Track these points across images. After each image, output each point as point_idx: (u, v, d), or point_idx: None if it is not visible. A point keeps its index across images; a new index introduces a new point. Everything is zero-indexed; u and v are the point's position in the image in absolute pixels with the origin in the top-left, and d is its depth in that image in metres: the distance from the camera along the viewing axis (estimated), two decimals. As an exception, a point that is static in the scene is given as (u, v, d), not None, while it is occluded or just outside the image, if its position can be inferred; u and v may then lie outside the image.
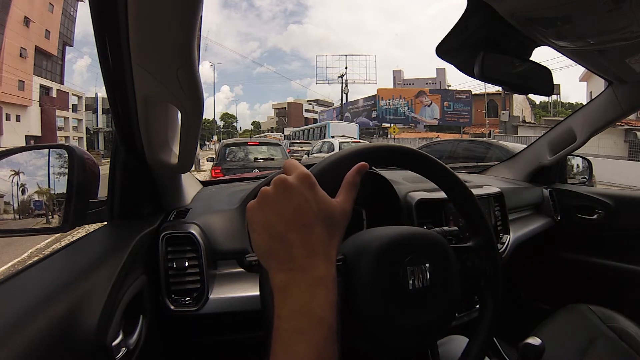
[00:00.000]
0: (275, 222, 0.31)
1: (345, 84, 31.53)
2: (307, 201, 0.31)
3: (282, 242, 0.30)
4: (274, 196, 0.31)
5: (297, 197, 0.31)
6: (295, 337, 0.28)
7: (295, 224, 0.31)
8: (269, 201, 0.32)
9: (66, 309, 0.39)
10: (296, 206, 0.31)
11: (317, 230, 0.31)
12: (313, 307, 0.29)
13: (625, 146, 12.93)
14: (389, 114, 26.72)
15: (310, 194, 0.32)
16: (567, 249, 1.37)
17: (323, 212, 0.32)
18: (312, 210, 0.31)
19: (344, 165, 0.40)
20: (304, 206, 0.31)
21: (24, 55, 22.21)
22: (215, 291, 0.64)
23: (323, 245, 0.31)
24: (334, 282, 0.31)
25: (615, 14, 0.52)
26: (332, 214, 0.33)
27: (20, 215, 0.57)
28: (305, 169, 0.33)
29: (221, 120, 58.26)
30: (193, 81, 0.46)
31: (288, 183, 0.31)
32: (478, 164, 3.52)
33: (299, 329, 0.28)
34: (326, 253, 0.31)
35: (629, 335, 0.82)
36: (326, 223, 0.32)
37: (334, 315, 0.30)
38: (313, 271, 0.30)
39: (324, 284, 0.30)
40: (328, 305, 0.29)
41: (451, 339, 0.68)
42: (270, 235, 0.31)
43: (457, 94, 25.33)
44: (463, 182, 0.48)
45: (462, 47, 0.67)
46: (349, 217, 0.34)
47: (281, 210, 0.31)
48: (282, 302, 0.29)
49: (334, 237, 0.33)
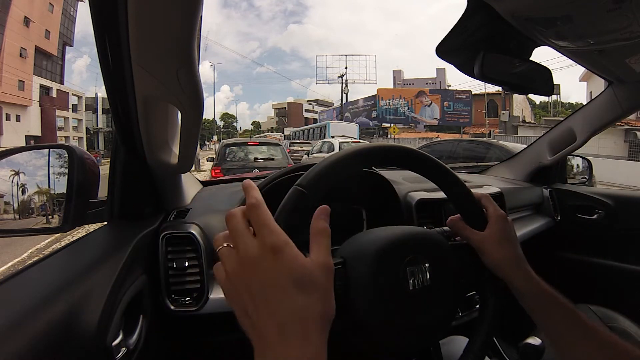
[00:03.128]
0: (244, 302, 0.29)
1: (345, 84, 31.57)
2: (273, 278, 0.28)
3: (252, 324, 0.28)
4: (238, 275, 0.29)
5: (262, 275, 0.28)
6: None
7: (263, 304, 0.28)
8: (235, 281, 0.30)
9: (66, 309, 0.39)
10: (263, 285, 0.28)
11: (287, 305, 0.28)
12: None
13: (625, 146, 12.93)
14: (389, 114, 26.74)
15: (277, 268, 0.29)
16: (567, 249, 1.37)
17: (294, 281, 0.28)
18: (280, 285, 0.28)
19: (344, 165, 0.40)
20: (270, 283, 0.28)
21: (24, 55, 22.24)
22: (216, 291, 0.64)
23: (297, 320, 0.28)
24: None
25: (615, 14, 0.52)
26: (305, 277, 0.29)
27: (20, 215, 0.57)
28: (269, 237, 0.29)
29: (221, 120, 58.32)
30: (193, 81, 0.46)
31: (251, 260, 0.29)
32: (478, 164, 3.53)
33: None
34: (303, 330, 0.28)
35: (629, 335, 0.82)
36: (299, 291, 0.28)
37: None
38: (286, 355, 0.27)
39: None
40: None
41: (451, 339, 0.68)
42: (242, 314, 0.29)
43: (457, 94, 25.34)
44: (463, 182, 0.48)
45: (462, 47, 0.67)
46: (332, 269, 0.31)
47: (248, 290, 0.29)
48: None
49: (313, 299, 0.29)
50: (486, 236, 0.47)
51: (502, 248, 0.46)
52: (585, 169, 1.61)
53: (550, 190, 1.39)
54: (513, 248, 0.47)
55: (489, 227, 0.47)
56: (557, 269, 1.37)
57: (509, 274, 0.45)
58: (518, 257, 0.46)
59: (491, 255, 0.46)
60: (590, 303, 0.94)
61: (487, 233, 0.47)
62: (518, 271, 0.45)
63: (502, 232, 0.47)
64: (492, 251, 0.46)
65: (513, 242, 0.47)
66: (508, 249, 0.46)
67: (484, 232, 0.47)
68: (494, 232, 0.47)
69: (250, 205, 0.31)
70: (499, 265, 0.46)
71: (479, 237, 0.47)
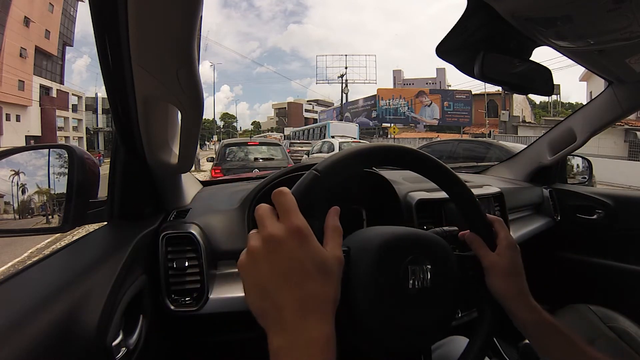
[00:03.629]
0: (265, 282, 0.30)
1: (345, 84, 31.56)
2: (298, 258, 0.30)
3: (273, 304, 0.29)
4: (263, 255, 0.30)
5: (287, 255, 0.30)
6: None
7: (286, 283, 0.30)
8: (259, 260, 0.30)
9: (66, 309, 0.39)
10: (287, 265, 0.30)
11: (309, 286, 0.30)
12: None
13: (625, 146, 12.92)
14: (389, 114, 26.73)
15: (302, 250, 0.30)
16: (567, 249, 1.37)
17: (316, 265, 0.31)
18: (304, 267, 0.30)
19: (348, 164, 0.40)
20: (295, 264, 0.30)
21: (24, 55, 22.24)
22: (215, 291, 0.64)
23: (317, 301, 0.30)
24: (329, 341, 0.30)
25: (615, 14, 0.52)
26: (325, 263, 0.31)
27: (20, 215, 0.56)
28: (296, 221, 0.31)
29: (221, 120, 58.30)
30: (193, 81, 0.46)
31: (277, 240, 0.30)
32: (478, 164, 3.53)
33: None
34: (321, 310, 0.30)
35: (629, 335, 0.82)
36: (320, 275, 0.31)
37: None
38: (306, 333, 0.29)
39: (318, 346, 0.29)
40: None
41: (451, 340, 0.68)
42: (261, 296, 0.30)
43: (457, 94, 25.34)
44: (463, 182, 0.48)
45: (462, 47, 0.67)
46: (343, 262, 0.34)
47: (271, 269, 0.30)
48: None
49: (330, 285, 0.31)
50: (497, 263, 0.46)
51: (509, 280, 0.46)
52: (585, 169, 1.61)
53: (550, 190, 1.39)
54: (520, 281, 0.46)
55: (499, 254, 0.47)
56: (557, 269, 1.37)
57: (512, 305, 0.45)
58: (523, 290, 0.46)
59: (499, 283, 0.45)
60: (590, 303, 0.94)
61: (498, 259, 0.46)
62: (521, 303, 0.45)
63: (511, 263, 0.46)
64: (500, 280, 0.45)
65: (520, 274, 0.47)
66: (515, 282, 0.46)
67: (496, 258, 0.46)
68: (503, 261, 0.46)
69: (278, 192, 0.33)
70: (503, 294, 0.45)
71: (491, 259, 0.46)
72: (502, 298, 0.45)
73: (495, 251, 0.47)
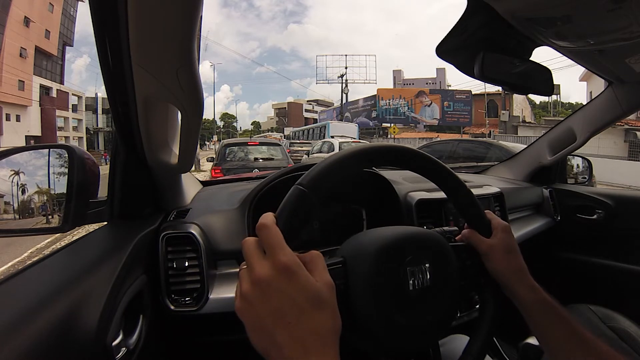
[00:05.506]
0: (263, 324, 0.30)
1: (345, 84, 31.56)
2: (288, 296, 0.29)
3: (274, 344, 0.29)
4: (255, 297, 0.30)
5: (277, 295, 0.29)
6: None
7: (282, 322, 0.29)
8: (252, 302, 0.30)
9: (66, 309, 0.39)
10: (279, 305, 0.29)
11: (305, 323, 0.29)
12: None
13: (625, 146, 12.92)
14: (389, 114, 26.72)
15: (291, 287, 0.30)
16: (567, 249, 1.37)
17: (308, 299, 0.30)
18: (296, 304, 0.29)
19: (345, 165, 0.40)
20: (287, 302, 0.29)
21: (24, 55, 22.23)
22: (215, 291, 0.64)
23: (317, 337, 0.29)
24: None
25: (615, 14, 0.52)
26: (318, 295, 0.30)
27: (20, 215, 0.56)
28: (282, 257, 0.30)
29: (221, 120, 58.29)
30: (193, 81, 0.46)
31: (265, 281, 0.30)
32: (478, 164, 3.53)
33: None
34: (322, 344, 0.29)
35: (629, 335, 0.82)
36: (314, 308, 0.30)
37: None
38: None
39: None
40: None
41: (452, 338, 0.68)
42: (262, 337, 0.30)
43: (457, 94, 25.33)
44: (463, 182, 0.48)
45: (462, 47, 0.67)
46: (334, 287, 0.33)
47: (265, 311, 0.30)
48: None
49: (326, 315, 0.30)
50: (494, 244, 0.48)
51: (508, 257, 0.47)
52: (585, 169, 1.61)
53: (550, 190, 1.39)
54: (518, 258, 0.48)
55: (495, 236, 0.49)
56: (557, 269, 1.37)
57: (513, 283, 0.46)
58: (522, 267, 0.48)
59: (498, 263, 0.47)
60: (590, 303, 0.94)
61: (494, 242, 0.48)
62: (521, 281, 0.46)
63: (506, 243, 0.48)
64: (499, 260, 0.47)
65: (517, 252, 0.49)
66: (513, 259, 0.48)
67: (491, 241, 0.48)
68: (500, 241, 0.48)
69: (261, 225, 0.32)
70: (503, 273, 0.47)
71: (487, 244, 0.48)
72: (503, 277, 0.47)
73: (491, 235, 0.49)
